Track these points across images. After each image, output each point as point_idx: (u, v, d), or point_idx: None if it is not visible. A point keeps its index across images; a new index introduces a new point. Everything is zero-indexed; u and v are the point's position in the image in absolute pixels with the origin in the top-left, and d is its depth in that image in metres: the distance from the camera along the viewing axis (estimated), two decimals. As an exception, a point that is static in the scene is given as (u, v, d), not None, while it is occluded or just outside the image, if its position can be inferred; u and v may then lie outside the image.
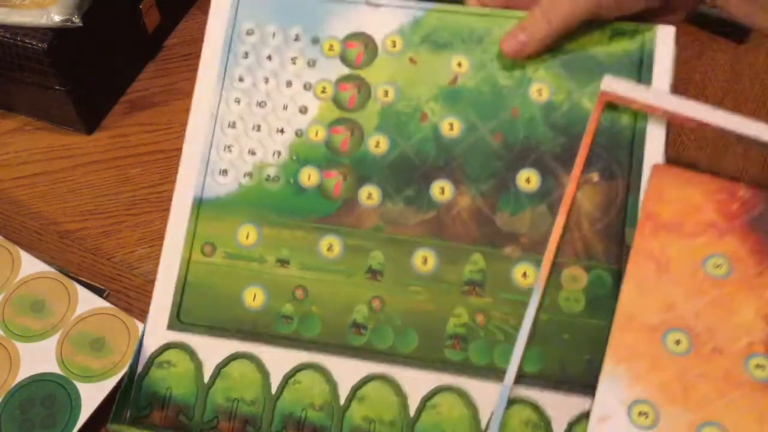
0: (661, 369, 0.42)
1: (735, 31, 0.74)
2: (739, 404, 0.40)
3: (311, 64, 0.52)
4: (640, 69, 0.50)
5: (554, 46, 0.50)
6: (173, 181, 0.65)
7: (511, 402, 0.45)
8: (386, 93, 0.51)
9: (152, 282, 0.50)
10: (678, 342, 0.42)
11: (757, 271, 0.43)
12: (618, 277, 0.46)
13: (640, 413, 0.41)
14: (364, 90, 0.51)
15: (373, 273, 0.48)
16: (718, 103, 0.70)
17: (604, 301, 0.46)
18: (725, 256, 0.43)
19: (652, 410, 0.41)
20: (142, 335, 0.49)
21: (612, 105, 0.49)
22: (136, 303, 0.58)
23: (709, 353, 0.41)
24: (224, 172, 0.51)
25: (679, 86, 0.72)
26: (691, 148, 0.67)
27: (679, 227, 0.44)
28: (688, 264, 0.43)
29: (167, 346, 0.49)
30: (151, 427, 0.46)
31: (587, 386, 0.44)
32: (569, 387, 0.45)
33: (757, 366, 0.41)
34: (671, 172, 0.46)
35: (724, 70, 0.73)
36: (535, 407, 0.45)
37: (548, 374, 0.45)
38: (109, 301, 0.57)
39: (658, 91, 0.49)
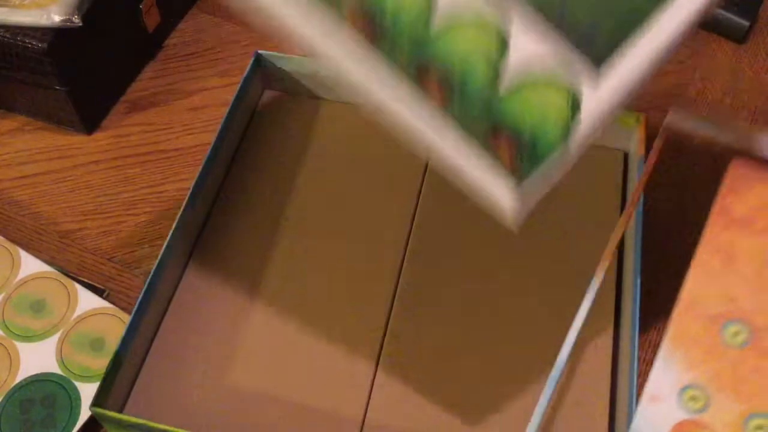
0: (717, 359, 0.41)
1: (735, 31, 0.74)
2: None
3: None
4: None
5: None
6: (173, 181, 0.65)
7: None
8: None
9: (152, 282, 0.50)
10: (736, 334, 0.42)
11: None
12: None
13: (690, 397, 0.41)
14: None
15: None
16: (718, 102, 0.70)
17: None
18: None
19: (702, 396, 0.41)
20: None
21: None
22: (135, 303, 0.58)
23: (767, 348, 0.41)
24: None
25: (680, 86, 0.72)
26: (691, 150, 0.67)
27: (751, 223, 0.43)
28: (755, 261, 0.43)
29: None
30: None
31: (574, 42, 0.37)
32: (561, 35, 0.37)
33: None
34: (749, 166, 0.44)
35: (724, 70, 0.73)
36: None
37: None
38: (109, 301, 0.57)
39: (722, 125, 0.47)
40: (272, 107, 0.66)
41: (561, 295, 0.55)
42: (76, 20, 0.61)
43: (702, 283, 0.43)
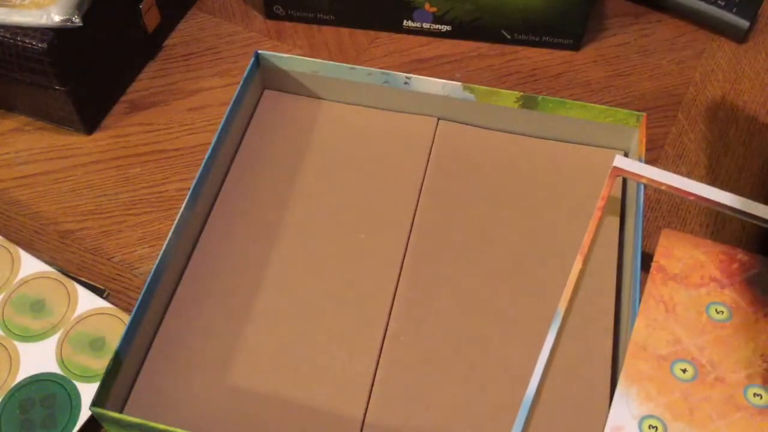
0: (669, 392, 0.47)
1: (735, 31, 0.74)
2: (739, 425, 0.46)
3: None
4: None
5: None
6: (173, 181, 0.65)
7: None
8: None
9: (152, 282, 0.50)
10: (684, 370, 0.48)
11: (754, 319, 0.50)
12: None
13: (650, 426, 0.46)
14: None
15: None
16: (718, 102, 0.70)
17: None
18: (726, 305, 0.50)
19: (661, 424, 0.46)
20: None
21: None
22: (135, 303, 0.58)
23: (713, 381, 0.47)
24: None
25: (680, 86, 0.72)
26: (691, 150, 0.67)
27: (686, 279, 0.51)
28: (693, 308, 0.50)
29: None
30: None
31: None
32: None
33: (755, 395, 0.47)
34: (678, 236, 0.53)
35: (724, 70, 0.73)
36: None
37: None
38: (109, 301, 0.57)
39: (660, 170, 0.55)
40: (272, 107, 0.66)
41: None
42: (76, 20, 0.61)
43: (649, 329, 0.50)
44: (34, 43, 0.60)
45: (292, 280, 0.56)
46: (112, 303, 0.57)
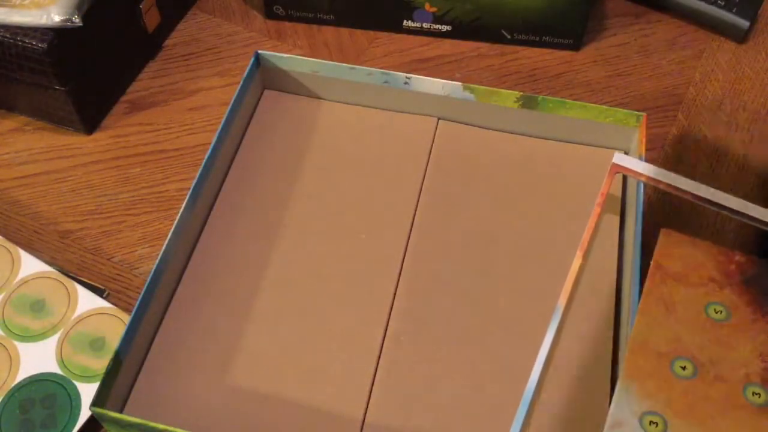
0: (669, 389, 0.47)
1: (735, 31, 0.74)
2: (738, 423, 0.46)
3: None
4: None
5: None
6: (173, 181, 0.65)
7: None
8: None
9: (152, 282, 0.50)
10: (684, 368, 0.48)
11: (752, 319, 0.50)
12: None
13: (650, 422, 0.46)
14: None
15: None
16: (718, 103, 0.70)
17: None
18: (724, 305, 0.50)
19: (661, 421, 0.46)
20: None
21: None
22: (135, 303, 0.58)
23: (712, 379, 0.48)
24: None
25: (680, 86, 0.72)
26: (691, 150, 0.67)
27: (685, 278, 0.51)
28: (692, 307, 0.50)
29: None
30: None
31: None
32: None
33: (754, 393, 0.47)
34: (677, 236, 0.54)
35: (724, 70, 0.73)
36: None
37: None
38: (109, 301, 0.57)
39: (658, 168, 0.55)
40: (272, 107, 0.66)
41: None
42: (76, 20, 0.61)
43: (649, 327, 0.50)
44: (34, 43, 0.60)
45: (292, 280, 0.56)
46: (112, 303, 0.57)
